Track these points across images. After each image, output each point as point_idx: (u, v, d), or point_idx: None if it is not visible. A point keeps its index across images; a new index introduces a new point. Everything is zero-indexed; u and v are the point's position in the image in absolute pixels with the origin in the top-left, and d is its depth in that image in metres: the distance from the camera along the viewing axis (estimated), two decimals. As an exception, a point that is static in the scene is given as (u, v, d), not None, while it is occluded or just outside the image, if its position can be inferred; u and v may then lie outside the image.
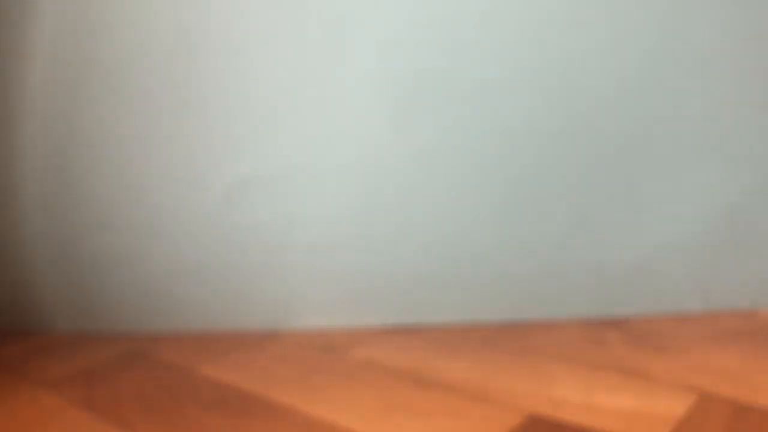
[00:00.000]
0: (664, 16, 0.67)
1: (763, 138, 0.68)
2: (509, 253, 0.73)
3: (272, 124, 0.74)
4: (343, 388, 0.58)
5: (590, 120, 0.70)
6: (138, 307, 0.79)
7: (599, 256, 0.72)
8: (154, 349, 0.72)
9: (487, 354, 0.64)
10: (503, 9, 0.69)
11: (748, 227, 0.70)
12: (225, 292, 0.77)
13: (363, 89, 0.72)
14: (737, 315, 0.70)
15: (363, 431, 0.49)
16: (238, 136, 0.75)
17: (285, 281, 0.76)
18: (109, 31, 0.75)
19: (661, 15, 0.67)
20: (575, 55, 0.69)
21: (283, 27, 0.72)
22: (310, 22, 0.72)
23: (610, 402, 0.50)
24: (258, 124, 0.74)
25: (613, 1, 0.68)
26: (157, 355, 0.70)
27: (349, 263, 0.75)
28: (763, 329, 0.65)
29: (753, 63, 0.67)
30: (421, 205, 0.73)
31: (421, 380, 0.58)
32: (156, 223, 0.77)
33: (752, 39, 0.67)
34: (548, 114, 0.70)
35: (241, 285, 0.77)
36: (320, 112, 0.73)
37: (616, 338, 0.66)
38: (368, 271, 0.75)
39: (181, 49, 0.74)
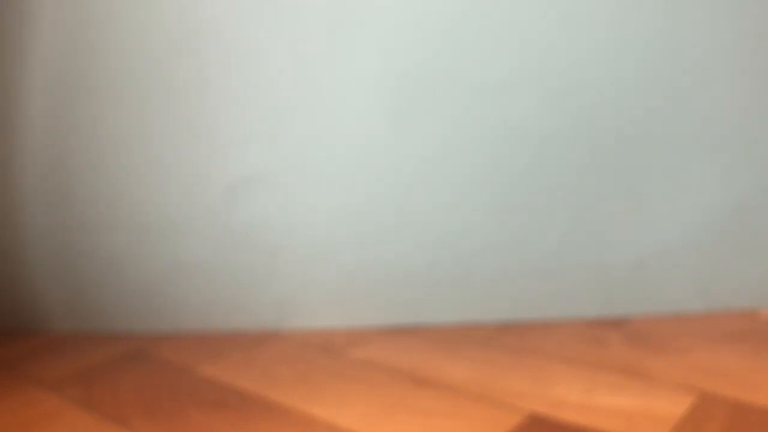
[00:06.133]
0: (664, 17, 0.67)
1: (763, 138, 0.68)
2: (509, 252, 0.73)
3: (272, 124, 0.74)
4: (343, 388, 0.58)
5: (590, 120, 0.70)
6: (138, 307, 0.79)
7: (599, 256, 0.72)
8: (154, 349, 0.72)
9: (487, 354, 0.64)
10: (503, 10, 0.69)
11: (748, 227, 0.70)
12: (225, 292, 0.77)
13: (363, 89, 0.72)
14: (737, 315, 0.70)
15: (363, 431, 0.49)
16: (237, 137, 0.75)
17: (285, 281, 0.76)
18: (110, 30, 0.75)
19: (661, 15, 0.67)
20: (575, 56, 0.69)
21: (285, 27, 0.72)
22: (312, 22, 0.72)
23: (610, 402, 0.50)
24: (258, 124, 0.74)
25: (613, 1, 0.68)
26: (157, 355, 0.70)
27: (349, 263, 0.75)
28: (763, 329, 0.65)
29: (753, 63, 0.67)
30: (420, 205, 0.73)
31: (421, 380, 0.58)
32: (156, 224, 0.77)
33: (752, 39, 0.67)
34: (548, 114, 0.70)
35: (241, 285, 0.77)
36: (320, 113, 0.73)
37: (616, 338, 0.66)
38: (368, 271, 0.75)
39: (182, 49, 0.74)
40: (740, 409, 0.47)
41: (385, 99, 0.72)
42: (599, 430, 0.46)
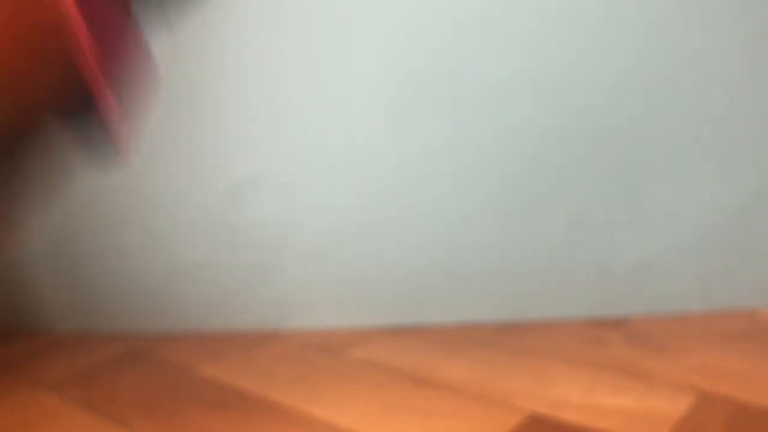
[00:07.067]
0: (664, 17, 0.67)
1: (763, 138, 0.68)
2: (509, 253, 0.73)
3: (272, 124, 0.74)
4: (343, 388, 0.58)
5: (590, 120, 0.70)
6: (138, 307, 0.79)
7: (599, 256, 0.72)
8: (154, 349, 0.72)
9: (487, 354, 0.64)
10: (504, 10, 0.69)
11: (748, 227, 0.70)
12: (225, 292, 0.77)
13: (363, 89, 0.72)
14: (738, 315, 0.70)
15: (363, 431, 0.49)
16: (238, 137, 0.75)
17: (284, 281, 0.76)
18: (109, 31, 0.75)
19: (660, 15, 0.67)
20: (575, 56, 0.69)
21: (285, 27, 0.72)
22: (312, 22, 0.72)
23: (610, 402, 0.50)
24: (258, 124, 0.74)
25: (613, 1, 0.68)
26: (157, 355, 0.70)
27: (349, 263, 0.75)
28: (763, 329, 0.65)
29: (753, 63, 0.67)
30: (420, 205, 0.73)
31: (421, 380, 0.58)
32: (156, 223, 0.77)
33: (752, 39, 0.67)
34: (548, 114, 0.70)
35: (241, 285, 0.77)
36: (321, 112, 0.73)
37: (616, 338, 0.66)
38: (368, 271, 0.75)
39: (183, 49, 0.74)
40: (740, 409, 0.47)
41: (386, 99, 0.72)
42: (599, 430, 0.46)
